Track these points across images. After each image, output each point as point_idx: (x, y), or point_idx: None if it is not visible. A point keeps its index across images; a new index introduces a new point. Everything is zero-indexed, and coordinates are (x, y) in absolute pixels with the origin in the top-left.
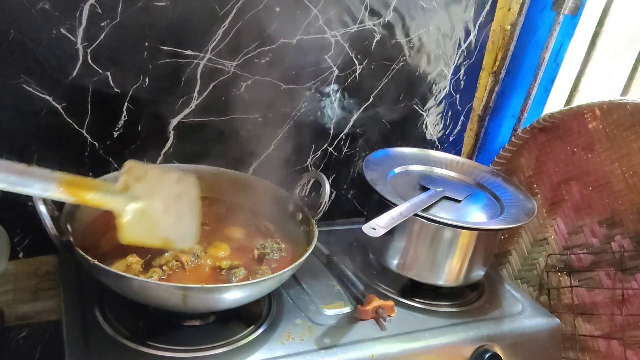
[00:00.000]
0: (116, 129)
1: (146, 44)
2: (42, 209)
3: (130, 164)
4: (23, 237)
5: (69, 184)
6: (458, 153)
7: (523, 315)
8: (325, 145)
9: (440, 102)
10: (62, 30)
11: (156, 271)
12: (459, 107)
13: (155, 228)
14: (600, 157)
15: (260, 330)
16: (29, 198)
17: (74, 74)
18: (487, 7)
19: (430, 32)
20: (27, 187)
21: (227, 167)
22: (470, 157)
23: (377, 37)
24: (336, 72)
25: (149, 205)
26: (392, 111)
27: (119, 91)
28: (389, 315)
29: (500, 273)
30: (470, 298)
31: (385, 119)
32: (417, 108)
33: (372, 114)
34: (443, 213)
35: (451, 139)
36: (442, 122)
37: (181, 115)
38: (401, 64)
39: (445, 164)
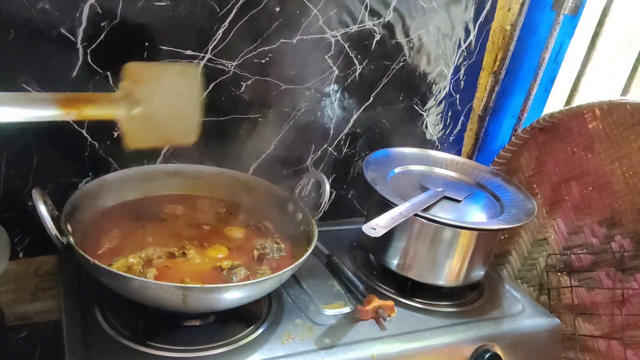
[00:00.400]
0: (116, 129)
1: (146, 44)
2: (42, 208)
3: (130, 66)
4: (23, 237)
5: (69, 101)
6: (458, 153)
7: (523, 315)
8: (325, 145)
9: (440, 102)
10: (62, 30)
11: (152, 271)
12: (459, 107)
13: (158, 128)
14: (600, 157)
15: (260, 330)
16: (29, 198)
17: (74, 74)
18: (487, 7)
19: (430, 32)
20: (28, 112)
21: (227, 167)
22: (470, 157)
23: (377, 37)
24: (336, 72)
25: (151, 107)
26: (392, 111)
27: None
28: (389, 315)
29: (500, 273)
30: (470, 298)
31: (385, 119)
32: (417, 108)
33: (372, 114)
34: (443, 213)
35: (451, 139)
36: (442, 122)
37: None
38: (401, 64)
39: (445, 164)
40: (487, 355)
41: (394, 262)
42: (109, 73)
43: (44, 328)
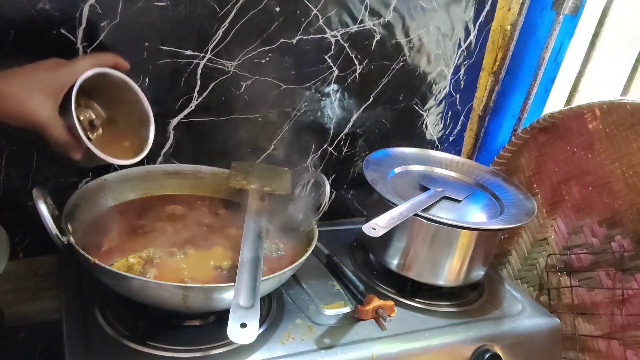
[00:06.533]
0: None
1: (146, 44)
2: (42, 208)
3: (234, 165)
4: (23, 237)
5: None
6: (458, 153)
7: (523, 315)
8: (325, 145)
9: (440, 102)
10: (62, 30)
11: (152, 271)
12: (459, 107)
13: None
14: (600, 157)
15: (260, 330)
16: (29, 198)
17: None
18: (487, 7)
19: (430, 32)
20: None
21: (227, 167)
22: (470, 157)
23: (377, 37)
24: (336, 72)
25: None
26: (392, 111)
27: None
28: (389, 315)
29: (500, 273)
30: (470, 298)
31: (385, 119)
32: (417, 108)
33: (372, 114)
34: (443, 213)
35: (451, 139)
36: (442, 122)
37: (181, 115)
38: (401, 64)
39: (445, 164)
40: (487, 355)
41: (394, 262)
42: None
43: (44, 328)
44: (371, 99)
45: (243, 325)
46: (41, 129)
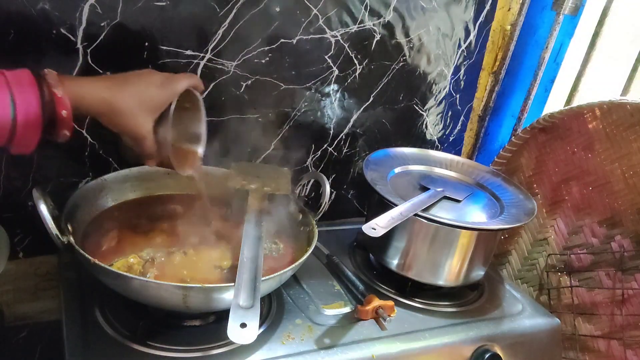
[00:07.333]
0: None
1: (146, 44)
2: (42, 208)
3: (234, 165)
4: (23, 237)
5: None
6: (458, 153)
7: (523, 315)
8: (325, 145)
9: (440, 102)
10: (62, 30)
11: (152, 270)
12: (459, 107)
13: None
14: (600, 157)
15: (260, 330)
16: (29, 198)
17: (74, 74)
18: (487, 7)
19: (430, 32)
20: None
21: (227, 167)
22: (470, 157)
23: (377, 37)
24: (336, 72)
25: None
26: (392, 111)
27: None
28: (389, 315)
29: (500, 273)
30: (470, 298)
31: (385, 119)
32: (417, 108)
33: (372, 114)
34: (443, 213)
35: (451, 139)
36: (442, 122)
37: None
38: (401, 64)
39: (445, 164)
40: (487, 355)
41: (394, 262)
42: (109, 73)
43: (44, 328)
44: (371, 99)
45: (243, 325)
46: (139, 141)
